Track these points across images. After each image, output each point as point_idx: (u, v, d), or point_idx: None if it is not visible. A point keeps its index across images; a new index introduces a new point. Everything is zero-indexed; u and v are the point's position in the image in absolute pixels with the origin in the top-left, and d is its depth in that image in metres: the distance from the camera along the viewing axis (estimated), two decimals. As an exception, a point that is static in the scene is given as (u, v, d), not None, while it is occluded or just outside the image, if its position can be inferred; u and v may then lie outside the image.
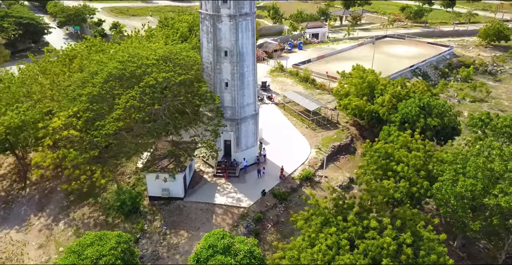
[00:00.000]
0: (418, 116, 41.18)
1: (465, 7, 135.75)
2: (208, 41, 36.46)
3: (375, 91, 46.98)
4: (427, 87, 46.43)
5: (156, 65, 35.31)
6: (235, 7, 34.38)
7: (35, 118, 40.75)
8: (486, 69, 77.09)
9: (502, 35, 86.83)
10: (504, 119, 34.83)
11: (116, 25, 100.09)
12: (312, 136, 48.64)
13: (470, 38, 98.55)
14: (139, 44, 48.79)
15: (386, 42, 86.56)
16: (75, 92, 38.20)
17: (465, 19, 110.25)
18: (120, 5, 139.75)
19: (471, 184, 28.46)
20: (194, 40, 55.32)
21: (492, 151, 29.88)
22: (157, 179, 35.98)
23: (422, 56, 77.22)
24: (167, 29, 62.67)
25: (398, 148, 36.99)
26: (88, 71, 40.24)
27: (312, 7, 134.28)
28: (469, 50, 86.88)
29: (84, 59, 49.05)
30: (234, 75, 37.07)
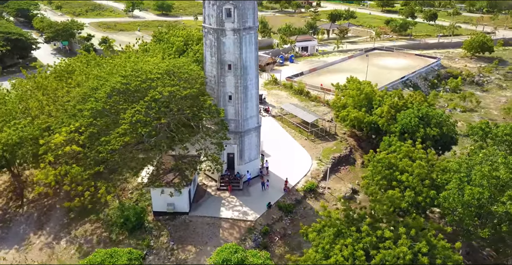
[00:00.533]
0: (418, 126, 41.90)
1: (446, 20, 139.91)
2: (212, 54, 36.64)
3: (373, 102, 47.69)
4: (423, 98, 47.36)
5: (161, 79, 35.26)
6: (239, 21, 34.75)
7: (34, 134, 40.02)
8: (473, 79, 79.13)
9: (486, 47, 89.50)
10: (504, 128, 35.72)
11: (106, 40, 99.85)
12: (312, 147, 48.91)
13: (455, 50, 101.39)
14: (137, 59, 48.79)
15: (375, 55, 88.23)
16: (76, 108, 37.85)
17: (449, 31, 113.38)
18: (107, 21, 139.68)
19: (478, 192, 28.95)
20: (190, 54, 55.55)
21: (497, 159, 30.48)
22: (162, 194, 35.55)
23: (411, 67, 78.94)
24: (162, 43, 62.80)
25: (401, 158, 37.45)
26: (88, 87, 39.90)
27: (298, 21, 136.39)
28: (455, 62, 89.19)
29: (81, 74, 48.82)
30: (238, 88, 37.24)
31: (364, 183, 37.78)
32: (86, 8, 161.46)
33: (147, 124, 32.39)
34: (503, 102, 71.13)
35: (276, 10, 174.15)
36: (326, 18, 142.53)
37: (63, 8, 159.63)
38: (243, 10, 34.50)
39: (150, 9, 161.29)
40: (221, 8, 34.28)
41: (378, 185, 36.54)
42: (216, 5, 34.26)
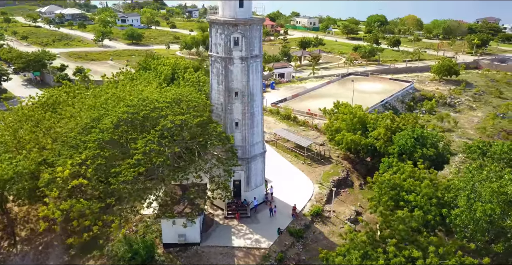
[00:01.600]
0: (414, 147, 43.47)
1: (408, 46, 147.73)
2: (219, 82, 36.94)
3: (367, 125, 49.15)
4: (415, 119, 49.38)
5: (169, 107, 35.04)
6: (247, 50, 35.44)
7: (30, 168, 38.36)
8: (445, 101, 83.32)
9: (453, 71, 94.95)
10: (501, 147, 37.73)
11: (81, 70, 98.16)
12: (310, 171, 49.41)
13: (423, 74, 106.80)
14: (132, 88, 48.26)
15: (350, 79, 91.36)
16: (77, 139, 36.76)
17: (415, 56, 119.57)
18: (77, 50, 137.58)
19: (490, 208, 30.16)
20: (182, 82, 55.55)
21: (503, 176, 32.01)
22: (174, 224, 34.61)
23: (388, 91, 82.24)
24: (149, 72, 62.57)
25: (405, 178, 38.55)
26: (88, 117, 38.99)
27: (269, 49, 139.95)
28: (426, 85, 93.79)
29: (73, 105, 47.77)
30: (245, 115, 37.52)
31: (372, 205, 38.40)
32: (53, 38, 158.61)
33: (161, 153, 31.86)
34: (476, 122, 75.08)
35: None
36: (296, 46, 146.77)
37: (29, 38, 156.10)
38: (250, 39, 35.28)
39: (120, 38, 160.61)
40: (229, 37, 34.91)
41: (385, 206, 37.28)
42: (224, 34, 34.87)
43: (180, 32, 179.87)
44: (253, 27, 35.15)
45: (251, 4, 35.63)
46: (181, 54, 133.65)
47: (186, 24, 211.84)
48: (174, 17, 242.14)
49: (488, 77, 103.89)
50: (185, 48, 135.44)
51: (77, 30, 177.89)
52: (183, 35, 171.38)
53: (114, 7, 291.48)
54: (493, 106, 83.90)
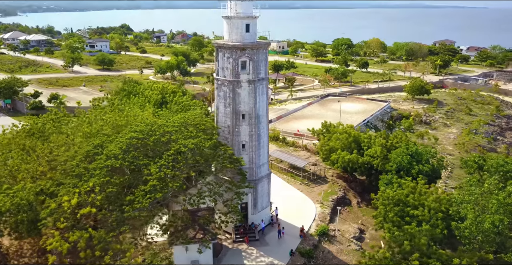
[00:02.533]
0: (411, 163, 44.94)
1: (375, 68, 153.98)
2: (226, 105, 37.16)
3: (362, 144, 50.45)
4: (406, 137, 51.18)
5: (179, 131, 34.80)
6: (254, 73, 36.06)
7: (29, 199, 36.65)
8: (421, 119, 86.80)
9: (424, 90, 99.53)
10: (497, 160, 39.73)
11: (56, 96, 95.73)
12: (309, 191, 49.83)
13: (395, 93, 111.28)
14: (127, 113, 47.50)
15: (331, 100, 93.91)
16: (81, 167, 35.68)
17: (386, 77, 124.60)
18: (47, 77, 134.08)
19: (499, 219, 31.50)
20: (174, 107, 55.20)
21: (507, 187, 33.65)
22: (187, 251, 33.79)
23: (367, 111, 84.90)
24: (136, 97, 61.82)
25: (407, 194, 39.65)
26: (90, 144, 38.03)
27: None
28: (401, 104, 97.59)
29: (60, 132, 46.49)
30: (252, 137, 37.76)
31: (378, 222, 39.10)
32: (19, 65, 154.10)
33: (177, 178, 31.42)
34: (452, 138, 78.46)
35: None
36: (268, 69, 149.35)
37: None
38: (257, 62, 35.98)
39: (90, 64, 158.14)
40: (237, 61, 35.46)
41: (392, 222, 38.05)
42: (232, 58, 35.40)
43: (151, 57, 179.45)
44: (260, 50, 35.94)
45: (256, 28, 36.50)
46: (155, 78, 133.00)
47: (156, 49, 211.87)
48: (143, 42, 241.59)
49: (455, 95, 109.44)
50: (159, 73, 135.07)
51: (44, 56, 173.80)
52: (155, 60, 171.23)
53: (79, 33, 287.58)
54: (465, 123, 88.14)
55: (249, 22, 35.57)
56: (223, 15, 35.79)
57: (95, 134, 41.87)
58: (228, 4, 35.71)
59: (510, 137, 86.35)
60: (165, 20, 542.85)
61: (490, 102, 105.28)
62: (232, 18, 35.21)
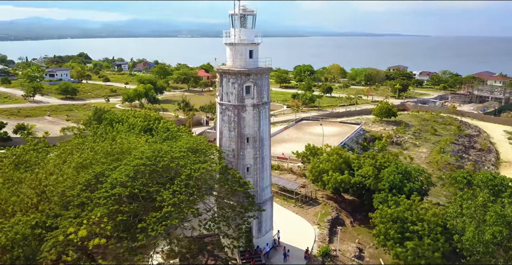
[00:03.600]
0: (402, 181, 46.83)
1: (338, 92, 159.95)
2: (231, 130, 37.55)
3: (352, 165, 52.03)
4: (396, 156, 53.36)
5: (187, 157, 34.67)
6: (258, 97, 36.92)
7: (24, 233, 34.76)
8: (392, 140, 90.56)
9: (392, 112, 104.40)
10: (485, 175, 42.31)
11: (22, 126, 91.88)
12: (304, 213, 50.35)
13: (362, 116, 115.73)
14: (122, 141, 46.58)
15: (305, 124, 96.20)
16: (82, 197, 34.55)
17: (353, 101, 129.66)
18: (7, 107, 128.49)
19: (499, 231, 33.42)
20: (163, 134, 54.71)
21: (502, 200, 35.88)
22: (200, 278, 33.08)
23: (342, 133, 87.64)
24: (121, 125, 60.71)
25: (403, 210, 41.16)
26: (89, 173, 36.99)
27: (210, 99, 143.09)
28: (371, 126, 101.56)
29: (44, 163, 44.99)
30: (256, 160, 38.18)
31: (380, 240, 40.10)
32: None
33: (192, 203, 31.08)
34: (424, 157, 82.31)
35: (183, 89, 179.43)
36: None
37: None
38: (261, 87, 36.94)
39: (52, 93, 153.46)
40: (242, 86, 36.24)
41: (393, 239, 39.20)
42: (237, 83, 36.17)
43: (115, 85, 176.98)
44: (263, 75, 37.00)
45: (258, 54, 37.65)
46: (122, 106, 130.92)
47: (118, 77, 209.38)
48: (103, 71, 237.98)
49: (419, 117, 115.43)
50: (127, 101, 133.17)
51: (1, 86, 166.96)
52: (119, 88, 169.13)
53: (35, 61, 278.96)
54: (432, 143, 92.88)
55: (252, 49, 36.71)
56: (227, 42, 36.72)
57: (88, 163, 40.86)
58: (232, 32, 36.76)
59: (474, 155, 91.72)
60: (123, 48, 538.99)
61: (451, 123, 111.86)
62: (236, 44, 36.22)
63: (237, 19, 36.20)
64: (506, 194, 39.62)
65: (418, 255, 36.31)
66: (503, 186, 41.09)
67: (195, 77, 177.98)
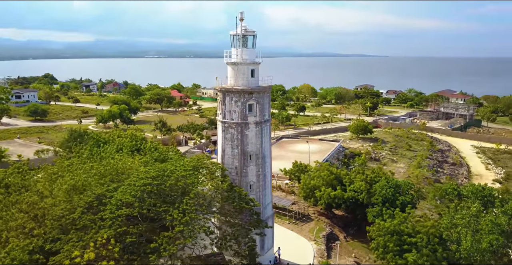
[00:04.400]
0: (394, 195, 48.30)
1: (311, 111, 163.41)
2: (234, 147, 37.90)
3: (344, 180, 53.20)
4: (382, 172, 54.99)
5: (193, 175, 34.64)
6: (260, 115, 37.66)
7: (22, 259, 33.40)
8: (371, 156, 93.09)
9: (368, 129, 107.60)
10: (475, 187, 44.35)
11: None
12: (299, 230, 50.72)
13: (338, 134, 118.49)
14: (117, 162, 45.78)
15: (286, 142, 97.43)
16: (84, 219, 33.74)
17: (328, 119, 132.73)
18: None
19: (495, 239, 35.07)
20: (155, 154, 54.20)
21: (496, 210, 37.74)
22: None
23: (323, 150, 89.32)
24: (107, 145, 59.60)
25: (399, 223, 42.38)
26: (89, 195, 36.22)
27: (184, 119, 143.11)
28: (348, 143, 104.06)
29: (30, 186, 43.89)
30: (259, 177, 38.56)
31: (379, 253, 40.97)
32: None
33: (204, 222, 30.96)
34: (403, 172, 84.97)
35: (157, 110, 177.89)
36: (212, 115, 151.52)
37: None
38: (262, 105, 37.73)
39: (20, 115, 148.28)
40: (245, 104, 36.90)
41: (392, 252, 40.19)
42: (240, 101, 36.80)
43: (86, 106, 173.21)
44: (265, 94, 37.87)
45: (259, 73, 38.56)
46: (96, 128, 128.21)
47: (88, 98, 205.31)
48: (72, 92, 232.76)
49: (392, 133, 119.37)
50: (101, 122, 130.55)
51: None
52: (91, 109, 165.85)
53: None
54: (408, 158, 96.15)
55: (254, 68, 37.63)
56: (229, 61, 37.49)
57: (80, 185, 40.03)
58: (233, 51, 37.62)
59: (448, 169, 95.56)
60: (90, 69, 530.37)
61: (423, 139, 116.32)
62: (239, 64, 37.04)
63: (238, 39, 37.14)
64: (497, 204, 41.71)
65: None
66: (491, 196, 43.23)
67: (168, 97, 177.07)
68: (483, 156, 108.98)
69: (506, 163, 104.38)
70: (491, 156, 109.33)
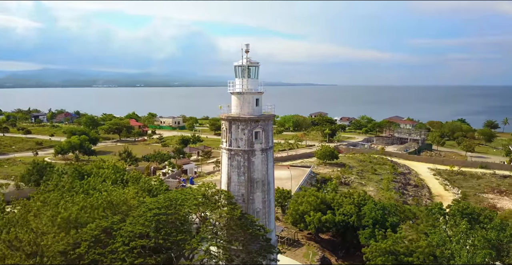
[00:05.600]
0: (383, 216, 50.49)
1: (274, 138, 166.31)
2: (240, 174, 38.45)
3: (332, 204, 54.84)
4: (366, 193, 57.29)
5: (206, 203, 34.71)
6: (266, 142, 38.77)
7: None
8: (341, 181, 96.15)
9: (334, 155, 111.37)
10: (460, 205, 47.46)
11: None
12: (293, 255, 51.21)
13: (304, 160, 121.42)
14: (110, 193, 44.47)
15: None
16: (92, 254, 32.68)
17: (293, 146, 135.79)
18: None
19: (488, 253, 37.73)
20: (145, 185, 53.25)
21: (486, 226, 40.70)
22: None
23: (296, 176, 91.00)
24: (91, 177, 57.57)
25: (392, 244, 44.31)
26: (93, 228, 35.09)
27: (146, 148, 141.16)
28: (316, 168, 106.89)
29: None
30: (265, 203, 39.18)
31: (378, 274, 42.39)
32: None
33: (226, 250, 30.97)
34: (374, 195, 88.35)
35: (115, 140, 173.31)
36: (175, 144, 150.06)
37: None
38: (267, 132, 38.94)
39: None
40: (251, 132, 37.91)
41: (391, 272, 41.79)
42: (247, 129, 37.79)
43: (39, 138, 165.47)
44: (269, 122, 39.18)
45: (262, 102, 39.96)
46: (54, 160, 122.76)
47: (39, 129, 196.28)
48: (20, 123, 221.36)
49: (355, 158, 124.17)
50: (59, 153, 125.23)
51: None
52: (44, 141, 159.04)
53: None
54: (375, 181, 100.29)
55: (258, 97, 39.01)
56: (235, 91, 38.65)
57: (74, 219, 38.76)
58: (238, 81, 38.90)
59: (411, 191, 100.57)
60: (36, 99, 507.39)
61: (385, 163, 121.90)
62: (245, 93, 38.29)
63: (243, 70, 38.57)
64: (483, 220, 44.95)
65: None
66: (476, 214, 46.51)
67: (127, 127, 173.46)
68: (440, 178, 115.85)
69: (461, 183, 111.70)
70: (447, 177, 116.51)
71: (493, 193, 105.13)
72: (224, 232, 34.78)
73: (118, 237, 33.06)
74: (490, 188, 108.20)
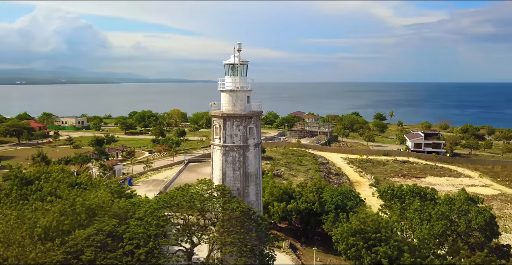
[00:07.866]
0: (343, 201, 55.68)
1: (190, 136, 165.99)
2: (235, 169, 39.72)
3: (294, 194, 58.54)
4: (322, 182, 62.12)
5: (215, 197, 35.53)
6: (258, 137, 40.65)
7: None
8: (274, 173, 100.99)
9: (262, 149, 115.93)
10: (409, 187, 54.43)
11: None
12: (265, 245, 53.68)
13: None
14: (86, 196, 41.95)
15: (194, 166, 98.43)
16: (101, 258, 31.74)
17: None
18: None
19: (444, 223, 44.73)
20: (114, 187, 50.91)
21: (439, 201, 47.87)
22: None
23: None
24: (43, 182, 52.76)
25: (359, 224, 49.54)
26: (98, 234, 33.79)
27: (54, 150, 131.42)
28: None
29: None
30: (257, 196, 41.09)
31: (352, 252, 47.09)
32: None
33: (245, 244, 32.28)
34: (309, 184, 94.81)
35: (13, 143, 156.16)
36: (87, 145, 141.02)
37: None
38: (258, 128, 40.85)
39: None
40: (246, 128, 39.45)
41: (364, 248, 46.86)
42: (242, 125, 39.22)
43: None
44: (259, 117, 41.11)
45: (251, 99, 41.64)
46: None
47: None
48: None
49: (277, 152, 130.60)
50: None
51: None
52: None
53: None
54: (303, 172, 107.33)
55: (248, 94, 40.63)
56: (227, 89, 39.70)
57: (55, 226, 36.89)
58: (228, 79, 40.01)
59: (334, 178, 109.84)
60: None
61: (305, 154, 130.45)
62: (237, 91, 39.60)
63: (234, 68, 39.83)
64: (430, 197, 52.60)
65: (390, 257, 44.56)
66: (424, 193, 53.96)
67: (28, 129, 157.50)
68: (353, 166, 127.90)
69: (371, 170, 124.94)
70: (359, 165, 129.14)
71: (398, 176, 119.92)
72: (226, 224, 35.61)
73: (126, 240, 32.27)
74: (395, 173, 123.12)
